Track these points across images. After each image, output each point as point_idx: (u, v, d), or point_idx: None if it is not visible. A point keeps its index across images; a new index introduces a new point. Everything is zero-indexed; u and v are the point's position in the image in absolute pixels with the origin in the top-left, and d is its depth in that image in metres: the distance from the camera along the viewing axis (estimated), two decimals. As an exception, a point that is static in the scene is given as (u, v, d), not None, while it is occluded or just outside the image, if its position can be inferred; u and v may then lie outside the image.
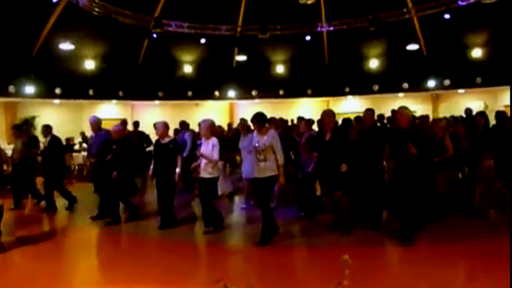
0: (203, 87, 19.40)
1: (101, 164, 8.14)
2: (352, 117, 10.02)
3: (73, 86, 16.98)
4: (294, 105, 20.60)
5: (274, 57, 20.03)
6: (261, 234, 6.20)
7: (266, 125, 6.54)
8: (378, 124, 9.81)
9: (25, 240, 6.80)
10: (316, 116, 12.93)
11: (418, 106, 18.12)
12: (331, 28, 18.16)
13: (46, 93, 16.48)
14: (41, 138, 9.80)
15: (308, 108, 20.00)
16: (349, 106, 20.07)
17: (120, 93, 18.28)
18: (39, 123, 16.39)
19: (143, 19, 16.59)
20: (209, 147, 6.77)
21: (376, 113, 10.49)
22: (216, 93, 19.73)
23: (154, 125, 7.80)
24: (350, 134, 7.26)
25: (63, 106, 18.12)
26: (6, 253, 6.16)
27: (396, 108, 7.23)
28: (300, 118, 9.93)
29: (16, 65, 15.52)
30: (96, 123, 8.46)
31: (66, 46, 16.00)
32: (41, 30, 15.70)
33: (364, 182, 6.87)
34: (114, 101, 19.41)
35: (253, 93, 19.67)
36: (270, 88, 19.60)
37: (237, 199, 9.95)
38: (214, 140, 6.85)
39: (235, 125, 14.15)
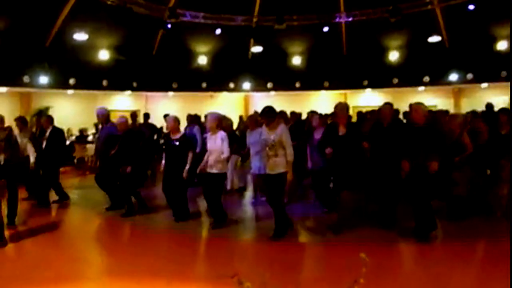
0: (217, 79, 19.12)
1: (104, 158, 7.99)
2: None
3: (87, 77, 16.83)
4: (310, 97, 20.21)
5: (290, 48, 19.61)
6: (274, 229, 6.05)
7: (276, 120, 6.26)
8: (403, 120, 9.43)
9: (35, 231, 6.74)
10: (332, 110, 12.59)
11: (439, 100, 17.61)
12: (350, 19, 17.63)
13: (60, 84, 16.37)
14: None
15: (325, 101, 19.59)
16: (368, 99, 19.61)
17: (134, 84, 18.09)
18: (53, 114, 16.35)
19: (158, 9, 16.32)
20: (218, 142, 6.53)
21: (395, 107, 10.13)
22: (231, 85, 19.42)
23: (165, 117, 7.55)
24: (364, 126, 6.95)
25: (77, 97, 18.02)
26: (17, 242, 6.15)
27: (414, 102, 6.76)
28: (312, 112, 9.52)
29: (31, 55, 15.43)
30: (103, 115, 8.24)
31: (80, 36, 15.88)
32: (56, 20, 15.55)
33: (380, 180, 6.51)
34: (128, 92, 19.24)
35: (269, 85, 19.31)
36: (286, 80, 19.22)
37: (247, 194, 9.72)
38: (221, 133, 6.62)
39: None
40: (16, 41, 14.91)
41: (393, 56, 18.67)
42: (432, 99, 17.88)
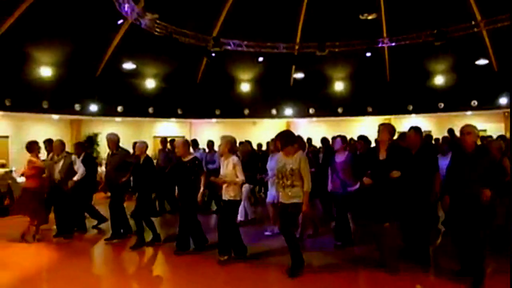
0: (260, 106, 19.34)
1: (113, 184, 7.91)
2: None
3: (134, 104, 17.47)
4: (353, 123, 19.98)
5: (332, 74, 19.60)
6: (291, 265, 5.65)
7: (295, 145, 5.81)
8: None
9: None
10: (376, 136, 12.39)
11: (489, 125, 16.96)
12: (393, 44, 17.48)
13: (109, 111, 17.03)
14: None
15: (368, 126, 19.31)
16: (413, 124, 19.15)
17: (179, 111, 18.59)
18: (101, 140, 17.00)
19: (203, 38, 16.79)
20: (230, 167, 6.22)
21: (443, 133, 9.79)
22: (273, 111, 19.56)
23: (175, 144, 7.38)
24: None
25: (124, 124, 18.63)
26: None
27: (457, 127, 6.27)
28: (338, 136, 9.33)
29: (82, 85, 16.24)
30: (113, 142, 7.99)
31: (128, 65, 16.55)
32: (106, 51, 16.29)
33: (413, 212, 5.80)
34: (173, 119, 19.73)
35: (311, 111, 19.30)
36: (329, 106, 19.16)
37: (260, 225, 8.93)
38: (234, 158, 6.27)
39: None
40: (69, 72, 15.73)
41: (439, 80, 18.27)
42: (482, 123, 17.27)
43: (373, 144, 9.37)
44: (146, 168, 7.38)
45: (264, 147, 13.58)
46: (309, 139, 10.87)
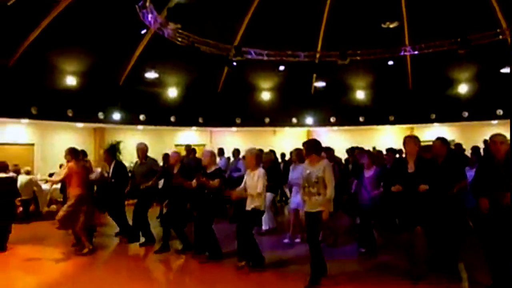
0: (280, 114, 19.34)
1: (140, 192, 8.09)
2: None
3: (156, 113, 17.65)
4: (375, 132, 19.84)
5: (354, 82, 19.52)
6: (310, 275, 5.59)
7: (321, 154, 5.90)
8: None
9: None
10: (398, 145, 12.29)
11: (515, 134, 16.56)
12: (416, 52, 17.32)
13: (131, 120, 17.25)
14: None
15: (390, 135, 19.16)
16: (436, 134, 18.76)
17: (200, 120, 18.73)
18: (124, 148, 17.22)
19: (224, 48, 16.92)
20: (255, 179, 6.25)
21: (467, 142, 9.61)
22: (294, 120, 19.54)
23: (203, 153, 7.43)
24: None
25: (146, 132, 18.81)
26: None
27: (488, 137, 6.16)
28: (354, 148, 9.26)
29: (105, 94, 16.52)
30: (143, 151, 8.27)
31: (151, 75, 16.77)
32: (129, 60, 16.56)
33: (442, 222, 5.76)
34: (194, 128, 19.87)
35: (332, 120, 19.22)
36: (350, 114, 19.05)
37: (280, 233, 8.87)
38: (260, 171, 6.32)
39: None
40: (93, 81, 16.03)
41: (463, 88, 18.00)
42: (508, 133, 16.89)
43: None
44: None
45: (287, 157, 13.60)
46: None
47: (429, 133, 19.40)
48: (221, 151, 12.26)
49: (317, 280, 5.57)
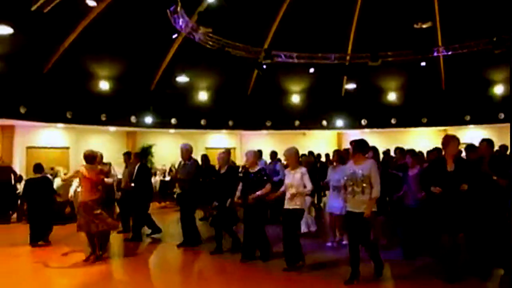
0: (310, 117, 19.24)
1: (186, 193, 8.24)
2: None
3: (187, 117, 17.84)
4: (407, 134, 19.47)
5: (385, 84, 19.23)
6: (374, 268, 5.78)
7: (367, 154, 5.99)
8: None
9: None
10: (431, 147, 11.99)
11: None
12: (449, 53, 16.92)
13: (163, 123, 17.49)
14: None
15: (423, 138, 18.76)
16: (471, 136, 18.37)
17: (230, 123, 18.81)
18: (155, 152, 17.48)
19: (254, 51, 16.95)
20: (297, 177, 6.29)
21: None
22: (324, 122, 19.39)
23: (246, 154, 7.50)
24: None
25: (177, 135, 19.03)
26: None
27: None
28: (398, 149, 9.10)
29: (138, 98, 16.82)
30: (187, 151, 8.35)
31: (181, 79, 16.96)
32: (160, 65, 16.80)
33: (481, 225, 5.72)
34: (224, 131, 19.98)
35: (363, 122, 18.99)
36: (381, 117, 18.78)
37: (323, 236, 8.86)
38: (302, 169, 6.38)
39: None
40: (126, 85, 16.34)
41: (499, 89, 17.47)
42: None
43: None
44: (228, 178, 7.57)
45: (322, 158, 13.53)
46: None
47: (463, 135, 18.93)
48: (259, 154, 12.26)
49: (380, 272, 5.75)
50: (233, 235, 7.63)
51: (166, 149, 17.81)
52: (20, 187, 11.73)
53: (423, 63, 16.68)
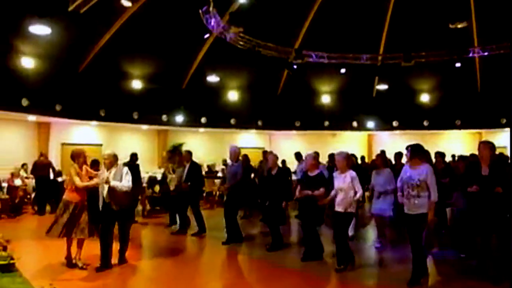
0: (341, 117, 19.10)
1: (233, 192, 8.42)
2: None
3: (217, 116, 17.99)
4: (440, 137, 19.04)
5: (418, 85, 18.90)
6: (412, 274, 5.70)
7: (423, 158, 5.99)
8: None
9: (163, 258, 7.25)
10: (465, 151, 11.73)
11: None
12: (485, 53, 16.47)
13: (193, 122, 17.70)
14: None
15: (456, 141, 18.35)
16: (506, 139, 17.85)
17: (259, 123, 18.85)
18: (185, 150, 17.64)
19: (284, 51, 16.94)
20: (347, 180, 6.33)
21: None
22: (354, 123, 19.21)
23: (306, 157, 7.61)
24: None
25: (207, 134, 19.23)
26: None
27: None
28: (438, 153, 9.02)
29: (170, 97, 17.06)
30: (235, 153, 8.64)
31: (212, 78, 17.11)
32: (192, 64, 17.00)
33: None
34: (253, 131, 20.03)
35: (394, 124, 18.71)
36: (413, 118, 18.47)
37: (369, 238, 9.05)
38: (351, 173, 6.41)
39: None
40: (158, 85, 16.60)
41: (537, 92, 16.88)
42: None
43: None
44: (279, 179, 7.80)
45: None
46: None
47: (499, 139, 18.39)
48: (299, 156, 12.28)
49: (417, 279, 5.68)
50: (278, 234, 7.83)
51: (196, 147, 17.96)
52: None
53: (458, 64, 16.29)
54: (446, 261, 6.87)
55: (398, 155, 9.37)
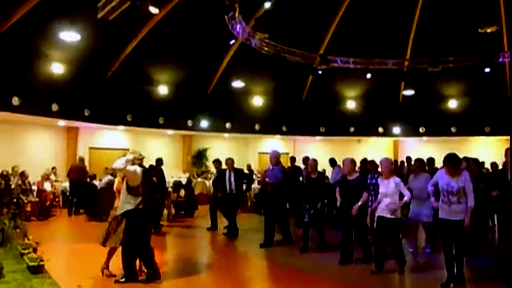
0: (366, 123, 18.91)
1: (276, 195, 8.61)
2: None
3: (242, 121, 18.04)
4: (468, 144, 18.62)
5: (445, 91, 18.56)
6: (456, 278, 5.90)
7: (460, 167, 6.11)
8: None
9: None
10: (493, 158, 11.47)
11: None
12: (516, 58, 16.06)
13: (218, 128, 17.80)
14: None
15: (485, 148, 17.91)
16: (538, 146, 17.38)
17: (284, 128, 18.83)
18: (210, 155, 17.77)
19: (309, 56, 16.88)
20: (391, 186, 6.51)
21: None
22: (380, 129, 18.97)
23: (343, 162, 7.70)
24: None
25: (231, 140, 19.31)
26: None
27: None
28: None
29: (195, 102, 17.21)
30: (276, 157, 8.83)
31: (237, 83, 17.19)
32: (217, 70, 17.11)
33: None
34: (277, 136, 20.02)
35: (421, 130, 18.42)
36: (440, 125, 18.13)
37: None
38: (395, 178, 6.59)
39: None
40: (183, 90, 16.78)
41: None
42: None
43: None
44: (320, 183, 8.24)
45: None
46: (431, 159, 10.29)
47: (530, 145, 17.91)
48: (333, 162, 12.26)
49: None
50: (322, 236, 8.15)
51: (220, 152, 18.06)
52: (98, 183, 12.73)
53: (487, 69, 15.92)
54: (484, 268, 6.84)
55: (430, 161, 9.59)
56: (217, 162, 11.11)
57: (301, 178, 11.66)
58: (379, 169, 7.62)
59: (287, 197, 9.60)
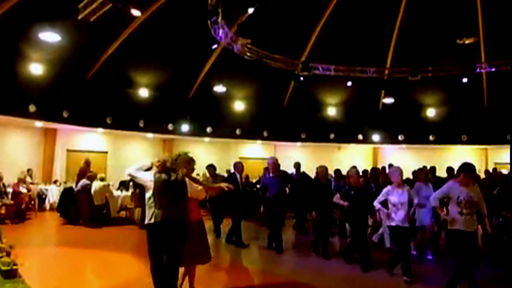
0: (346, 130, 19.06)
1: (277, 202, 8.63)
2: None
3: (223, 126, 18.01)
4: (445, 152, 18.97)
5: (424, 100, 18.84)
6: None
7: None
8: None
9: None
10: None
11: None
12: (493, 69, 16.44)
13: (199, 132, 17.71)
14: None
15: (461, 156, 18.20)
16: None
17: (265, 134, 18.85)
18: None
19: (291, 63, 16.97)
20: (404, 196, 6.61)
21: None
22: (360, 136, 19.15)
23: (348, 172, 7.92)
24: None
25: (212, 144, 19.26)
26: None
27: None
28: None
29: (176, 106, 17.13)
30: (274, 165, 8.79)
31: (219, 88, 17.16)
32: (199, 74, 17.07)
33: None
34: (258, 141, 20.04)
35: (400, 137, 18.64)
36: (419, 133, 18.39)
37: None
38: (407, 188, 6.73)
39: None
40: (165, 94, 16.68)
41: (545, 108, 16.80)
42: None
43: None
44: (328, 189, 8.41)
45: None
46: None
47: (505, 155, 18.29)
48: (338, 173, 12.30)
49: None
50: (326, 242, 8.25)
51: (200, 157, 17.98)
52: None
53: (465, 79, 16.26)
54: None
55: (450, 170, 9.82)
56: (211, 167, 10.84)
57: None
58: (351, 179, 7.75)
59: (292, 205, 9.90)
